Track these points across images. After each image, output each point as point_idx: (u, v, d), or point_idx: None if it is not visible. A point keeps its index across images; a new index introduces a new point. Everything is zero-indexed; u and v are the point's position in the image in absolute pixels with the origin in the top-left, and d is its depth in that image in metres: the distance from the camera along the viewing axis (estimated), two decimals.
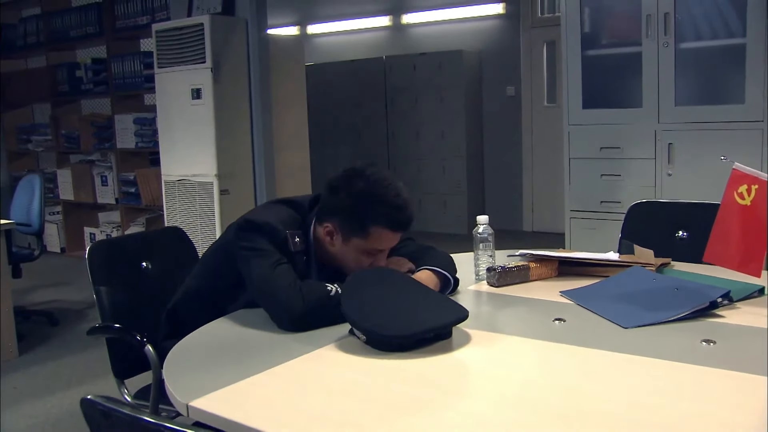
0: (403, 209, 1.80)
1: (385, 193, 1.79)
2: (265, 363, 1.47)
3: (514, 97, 7.28)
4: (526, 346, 1.58)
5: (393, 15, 7.88)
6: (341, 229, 1.82)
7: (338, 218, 1.82)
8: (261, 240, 1.77)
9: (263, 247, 1.76)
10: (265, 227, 1.79)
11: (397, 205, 1.79)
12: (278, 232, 1.79)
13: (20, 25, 6.95)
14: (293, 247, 1.81)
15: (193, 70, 4.93)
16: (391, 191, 1.79)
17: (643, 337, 1.57)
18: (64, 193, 6.77)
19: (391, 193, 1.79)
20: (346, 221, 1.80)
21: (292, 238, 1.81)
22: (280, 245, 1.78)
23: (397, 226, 1.81)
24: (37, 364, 3.93)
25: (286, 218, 1.84)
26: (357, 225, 1.79)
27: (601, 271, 2.07)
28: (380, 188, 1.79)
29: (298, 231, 1.84)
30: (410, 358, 1.48)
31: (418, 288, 1.71)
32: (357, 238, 1.80)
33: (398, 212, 1.79)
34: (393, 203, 1.78)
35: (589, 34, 3.91)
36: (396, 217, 1.79)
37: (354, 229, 1.80)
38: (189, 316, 1.91)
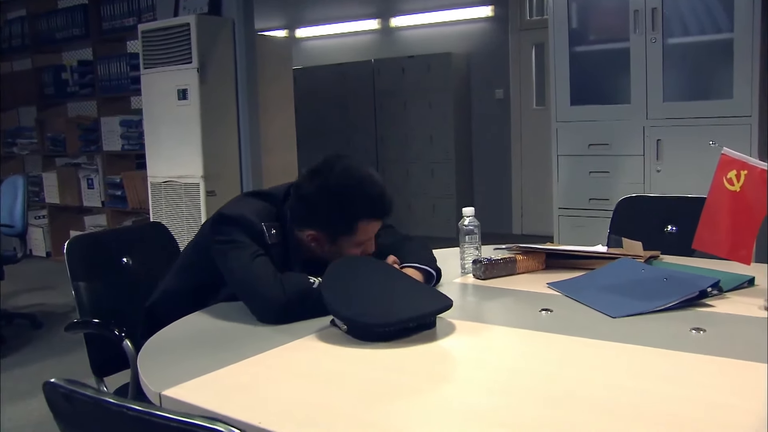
0: (382, 197, 1.77)
1: (361, 186, 1.75)
2: (242, 353, 1.42)
3: (502, 100, 7.26)
4: (512, 336, 1.54)
5: (381, 18, 7.86)
6: (326, 234, 1.77)
7: (319, 225, 1.77)
8: (237, 233, 1.73)
9: (240, 239, 1.72)
10: (241, 220, 1.75)
11: (376, 194, 1.76)
12: (254, 225, 1.75)
13: (5, 28, 6.89)
14: (270, 239, 1.77)
15: (179, 71, 4.89)
16: (365, 183, 1.76)
17: (632, 326, 1.54)
18: (50, 196, 6.70)
19: (366, 184, 1.76)
20: (329, 226, 1.76)
21: (269, 231, 1.77)
22: (256, 238, 1.74)
23: (382, 213, 1.79)
24: (19, 367, 3.87)
25: (260, 210, 1.80)
26: (342, 226, 1.75)
27: (589, 263, 2.04)
28: (354, 183, 1.75)
29: (275, 223, 1.80)
30: (392, 347, 1.44)
31: (401, 277, 1.67)
32: (344, 236, 1.76)
33: (379, 202, 1.77)
34: (372, 194, 1.76)
35: (577, 31, 3.90)
36: (378, 207, 1.77)
37: (339, 231, 1.76)
38: (168, 315, 1.86)
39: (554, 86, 3.92)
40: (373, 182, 1.77)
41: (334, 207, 1.74)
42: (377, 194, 1.76)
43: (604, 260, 2.03)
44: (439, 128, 7.29)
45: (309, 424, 1.12)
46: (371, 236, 1.81)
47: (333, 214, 1.74)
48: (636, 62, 3.63)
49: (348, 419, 1.13)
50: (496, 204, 7.38)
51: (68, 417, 0.96)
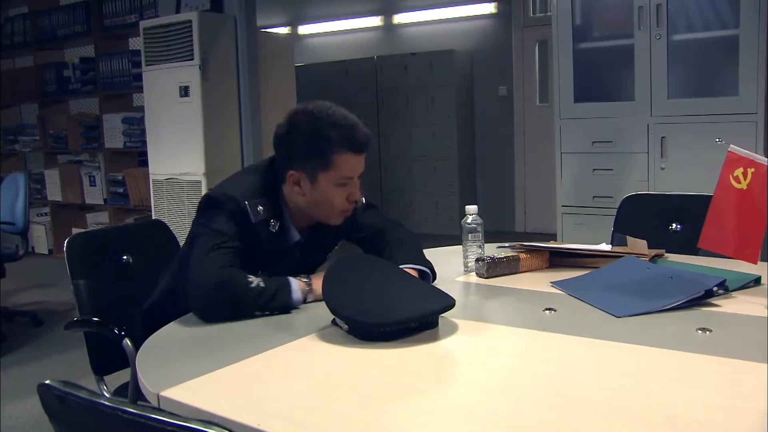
0: (356, 127, 1.75)
1: (333, 117, 1.74)
2: (242, 353, 1.40)
3: (506, 97, 7.24)
4: (516, 335, 1.52)
5: (384, 15, 7.84)
6: (305, 171, 1.76)
7: (298, 162, 1.77)
8: (218, 217, 1.73)
9: (215, 227, 1.72)
10: (222, 199, 1.75)
11: (350, 124, 1.75)
12: (237, 203, 1.74)
13: (7, 24, 6.88)
14: (255, 216, 1.76)
15: (181, 68, 4.88)
16: (338, 114, 1.75)
17: (637, 326, 1.51)
18: (52, 193, 6.69)
19: (338, 116, 1.75)
20: (306, 161, 1.75)
21: (254, 207, 1.76)
22: (239, 218, 1.74)
23: (357, 145, 1.75)
24: (19, 365, 3.86)
25: (247, 187, 1.80)
26: (318, 159, 1.74)
27: (593, 262, 2.02)
28: (326, 115, 1.74)
29: (261, 198, 1.79)
30: (394, 347, 1.42)
31: (403, 276, 1.65)
32: (323, 172, 1.75)
33: (353, 131, 1.74)
34: (345, 124, 1.74)
35: (581, 27, 3.87)
36: (353, 136, 1.74)
37: (317, 165, 1.74)
38: (167, 314, 1.85)
39: (558, 83, 3.89)
40: (346, 116, 1.76)
41: (307, 138, 1.74)
42: (350, 124, 1.75)
43: (608, 259, 2.00)
44: (442, 125, 7.27)
45: (309, 425, 1.10)
46: (352, 175, 1.78)
47: (306, 144, 1.74)
48: (640, 59, 3.60)
49: (348, 421, 1.12)
50: (499, 202, 7.35)
51: (63, 419, 0.94)
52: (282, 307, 1.68)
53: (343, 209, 1.81)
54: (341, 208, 1.80)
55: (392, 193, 7.73)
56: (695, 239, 1.82)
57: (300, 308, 1.71)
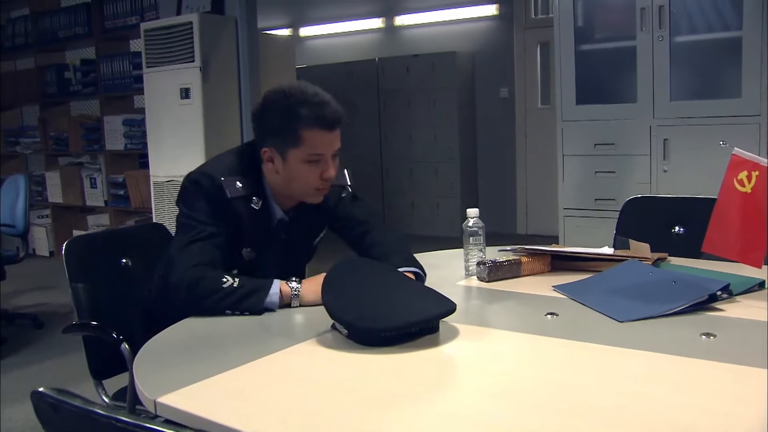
0: (326, 104, 1.77)
1: (303, 94, 1.76)
2: (240, 358, 1.39)
3: (507, 99, 7.21)
4: (518, 341, 1.50)
5: (386, 17, 7.82)
6: (276, 147, 1.79)
7: (270, 139, 1.80)
8: (196, 202, 1.77)
9: (194, 215, 1.76)
10: (198, 177, 1.80)
11: (319, 101, 1.76)
12: (212, 179, 1.78)
13: (8, 26, 6.87)
14: (231, 192, 1.79)
15: (181, 70, 4.86)
16: (309, 92, 1.77)
17: (640, 331, 1.50)
18: (53, 195, 6.68)
19: (309, 93, 1.77)
20: (277, 136, 1.78)
21: (231, 184, 1.79)
22: (216, 194, 1.77)
23: (326, 121, 1.76)
24: (19, 367, 3.84)
25: (225, 165, 1.84)
26: (288, 135, 1.76)
27: (596, 266, 2.00)
28: (297, 92, 1.76)
29: (240, 176, 1.82)
30: (394, 352, 1.40)
31: (403, 279, 1.63)
32: (293, 148, 1.77)
33: (322, 108, 1.76)
34: (314, 101, 1.76)
35: (583, 29, 3.86)
36: (322, 113, 1.75)
37: (287, 141, 1.76)
38: (164, 310, 1.84)
39: (560, 85, 3.88)
40: (317, 93, 1.77)
41: (278, 115, 1.76)
42: (320, 101, 1.76)
43: (610, 262, 1.99)
44: (444, 127, 7.25)
45: None
46: (322, 152, 1.78)
47: (277, 121, 1.76)
48: (643, 61, 3.59)
49: (348, 428, 1.10)
50: (501, 204, 7.33)
51: (57, 427, 0.93)
52: (252, 311, 1.67)
53: (318, 187, 1.82)
54: (315, 186, 1.81)
55: (393, 194, 7.71)
56: (698, 242, 1.81)
57: (299, 312, 1.70)
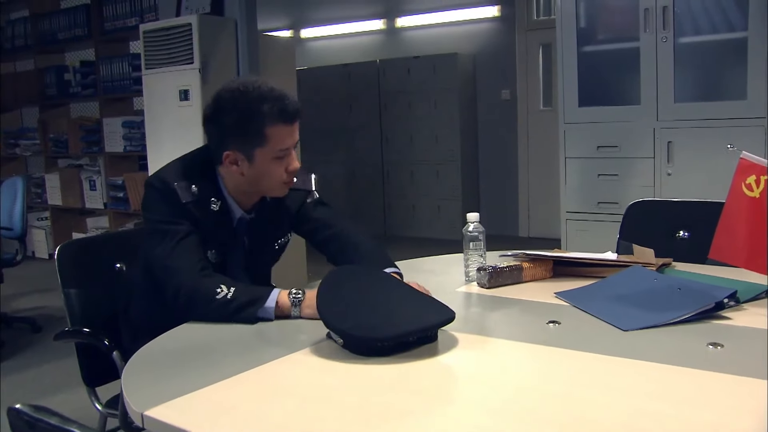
0: (284, 97, 1.73)
1: (259, 91, 1.72)
2: (232, 369, 1.35)
3: (509, 101, 7.18)
4: (518, 350, 1.46)
5: (387, 18, 7.79)
6: (240, 149, 1.74)
7: (232, 141, 1.74)
8: (159, 204, 1.75)
9: (163, 218, 1.74)
10: (153, 181, 1.78)
11: (277, 96, 1.72)
12: (166, 184, 1.76)
13: (8, 27, 6.84)
14: (184, 197, 1.75)
15: (180, 71, 4.82)
16: (263, 87, 1.73)
17: (644, 341, 1.45)
18: (53, 198, 6.64)
19: (264, 89, 1.72)
20: (240, 139, 1.73)
21: (185, 188, 1.76)
22: (171, 198, 1.74)
23: (288, 115, 1.73)
24: (17, 371, 3.80)
25: (178, 169, 1.80)
26: (252, 135, 1.72)
27: (599, 271, 1.95)
28: (252, 89, 1.72)
29: (195, 180, 1.78)
30: (391, 363, 1.36)
31: (400, 287, 1.59)
32: (259, 148, 1.73)
33: (282, 102, 1.72)
34: (272, 96, 1.72)
35: (585, 30, 3.82)
36: (283, 107, 1.72)
37: (252, 141, 1.72)
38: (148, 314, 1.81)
39: (562, 87, 3.84)
40: (272, 88, 1.74)
41: (237, 116, 1.71)
42: (277, 96, 1.72)
43: (613, 268, 1.94)
44: (445, 129, 7.21)
45: None
46: (288, 147, 1.76)
47: (237, 122, 1.71)
48: (646, 62, 3.55)
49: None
50: (502, 206, 7.29)
51: None
52: (247, 322, 1.63)
53: (285, 181, 1.80)
54: (282, 180, 1.79)
55: (394, 197, 7.67)
56: (703, 247, 1.77)
57: (291, 320, 1.65)
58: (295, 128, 1.76)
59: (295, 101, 1.75)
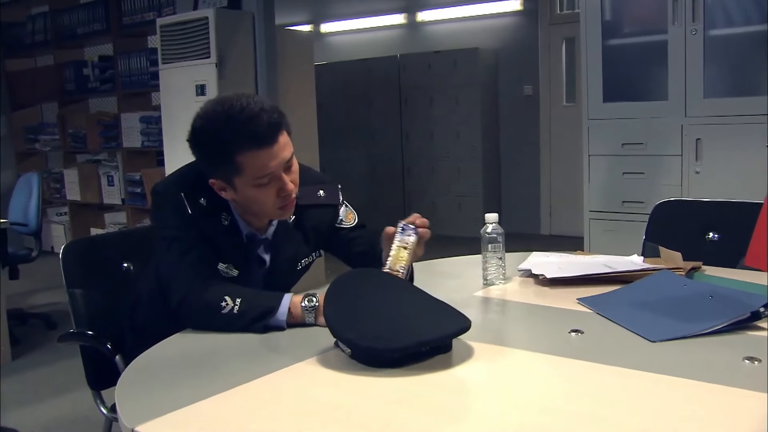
0: (254, 118, 1.54)
1: (228, 117, 1.54)
2: (232, 380, 1.27)
3: (531, 97, 7.07)
4: (538, 363, 1.36)
5: (408, 13, 7.71)
6: (222, 179, 1.62)
7: (210, 170, 1.63)
8: (167, 212, 1.67)
9: (171, 225, 1.66)
10: (162, 188, 1.71)
11: (245, 119, 1.53)
12: (174, 195, 1.66)
13: (28, 23, 6.84)
14: (192, 208, 1.65)
15: (197, 66, 4.77)
16: (234, 107, 1.55)
17: (674, 353, 1.35)
18: (71, 193, 6.63)
19: (234, 112, 1.54)
20: (217, 169, 1.60)
21: (193, 200, 1.66)
22: (178, 209, 1.65)
23: (258, 139, 1.54)
24: (30, 369, 3.78)
25: (187, 179, 1.70)
26: (226, 166, 1.57)
27: (624, 275, 1.85)
28: (221, 116, 1.55)
29: (203, 191, 1.67)
30: (401, 375, 1.27)
31: (413, 292, 1.49)
32: (236, 177, 1.59)
33: (250, 124, 1.53)
34: (239, 120, 1.53)
35: (610, 23, 3.71)
36: (251, 131, 1.53)
37: (228, 172, 1.58)
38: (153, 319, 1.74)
39: (586, 82, 3.74)
40: (243, 108, 1.54)
41: (207, 146, 1.59)
42: (245, 119, 1.53)
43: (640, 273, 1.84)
44: (466, 125, 7.12)
45: None
46: (272, 170, 1.58)
47: (209, 152, 1.60)
48: (674, 56, 3.43)
49: None
50: (525, 204, 7.20)
51: None
52: (256, 332, 1.55)
53: (279, 205, 1.66)
54: (275, 206, 1.65)
55: (414, 193, 7.59)
56: (734, 250, 1.67)
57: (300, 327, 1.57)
58: (275, 149, 1.57)
59: (270, 120, 1.56)
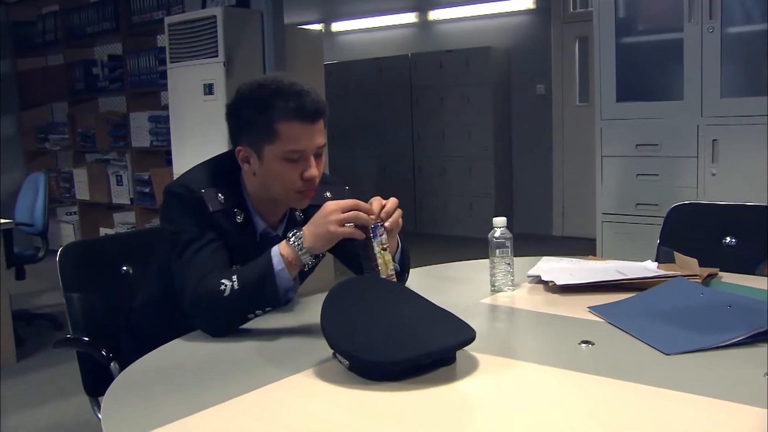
0: (303, 94, 1.59)
1: (279, 84, 1.60)
2: (223, 393, 1.21)
3: (544, 96, 7.00)
4: (546, 376, 1.29)
5: (419, 11, 7.66)
6: (251, 145, 1.62)
7: (245, 136, 1.63)
8: (180, 213, 1.63)
9: (184, 227, 1.61)
10: (176, 189, 1.65)
11: (296, 91, 1.59)
12: (192, 192, 1.62)
13: (39, 22, 6.83)
14: (213, 206, 1.63)
15: (205, 65, 4.73)
16: (284, 81, 1.61)
17: (690, 368, 1.28)
18: (81, 192, 6.61)
19: (284, 83, 1.61)
20: (251, 134, 1.61)
21: (212, 196, 1.63)
22: (197, 208, 1.61)
23: (305, 112, 1.59)
24: (34, 371, 3.75)
25: (204, 175, 1.68)
26: (263, 130, 1.59)
27: (637, 282, 1.78)
28: (272, 83, 1.61)
29: (221, 187, 1.66)
30: (401, 389, 1.21)
31: (415, 301, 1.43)
32: (269, 145, 1.59)
33: (299, 97, 1.58)
34: (290, 90, 1.59)
35: (624, 20, 3.62)
36: (298, 103, 1.58)
37: (262, 137, 1.60)
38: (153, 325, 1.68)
39: (599, 81, 3.66)
40: (294, 83, 1.61)
41: (251, 109, 1.61)
42: (296, 91, 1.59)
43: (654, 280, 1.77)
44: (478, 125, 7.06)
45: None
46: (301, 148, 1.60)
47: (250, 116, 1.61)
48: (690, 54, 3.34)
49: None
50: (536, 204, 7.13)
51: None
52: (273, 305, 1.54)
53: (299, 189, 1.64)
54: (295, 187, 1.64)
55: (426, 194, 7.54)
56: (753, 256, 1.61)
57: (299, 336, 1.51)
58: (314, 129, 1.61)
59: (317, 100, 1.61)
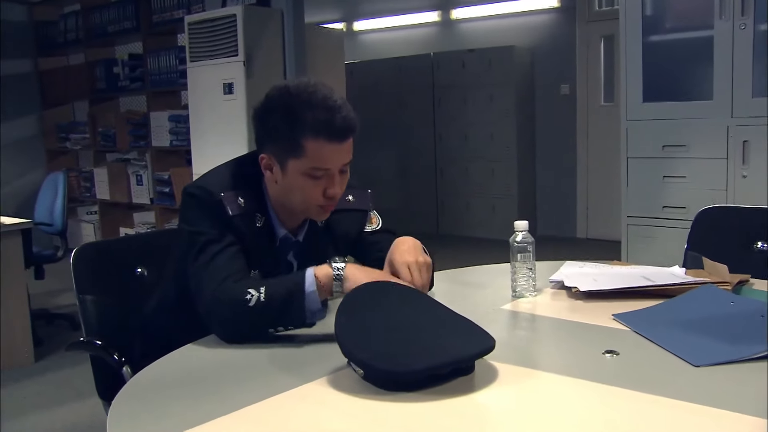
0: (335, 110, 1.52)
1: (310, 97, 1.52)
2: (235, 401, 1.17)
3: (568, 96, 6.91)
4: (568, 388, 1.23)
5: (441, 10, 7.61)
6: (275, 155, 1.56)
7: (269, 144, 1.58)
8: (199, 215, 1.58)
9: (202, 229, 1.56)
10: (195, 191, 1.60)
11: (327, 107, 1.52)
12: (211, 195, 1.57)
13: (61, 22, 6.87)
14: (233, 209, 1.58)
15: (225, 64, 4.73)
16: (317, 95, 1.53)
17: (721, 381, 1.22)
18: (101, 192, 6.64)
19: (317, 96, 1.53)
20: (277, 143, 1.56)
21: (232, 200, 1.58)
22: (216, 211, 1.56)
23: (333, 132, 1.51)
24: (52, 371, 3.74)
25: (224, 178, 1.63)
26: (288, 143, 1.53)
27: (664, 289, 1.71)
28: (303, 94, 1.53)
29: (242, 190, 1.61)
30: (417, 399, 1.16)
31: (432, 307, 1.37)
32: (293, 159, 1.54)
33: (329, 114, 1.51)
34: (321, 106, 1.51)
35: (652, 18, 3.54)
36: (328, 121, 1.51)
37: (287, 150, 1.54)
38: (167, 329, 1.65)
39: (625, 80, 3.58)
40: (327, 96, 1.53)
41: (279, 118, 1.54)
42: (328, 107, 1.51)
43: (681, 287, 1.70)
44: (501, 125, 6.99)
45: None
46: (326, 167, 1.55)
47: (277, 125, 1.55)
48: (721, 52, 3.26)
49: None
50: (560, 206, 7.04)
51: None
52: (296, 325, 1.48)
53: (320, 204, 1.59)
54: (317, 203, 1.59)
55: (448, 195, 7.48)
56: None
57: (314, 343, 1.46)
58: (342, 148, 1.55)
59: (349, 116, 1.54)
